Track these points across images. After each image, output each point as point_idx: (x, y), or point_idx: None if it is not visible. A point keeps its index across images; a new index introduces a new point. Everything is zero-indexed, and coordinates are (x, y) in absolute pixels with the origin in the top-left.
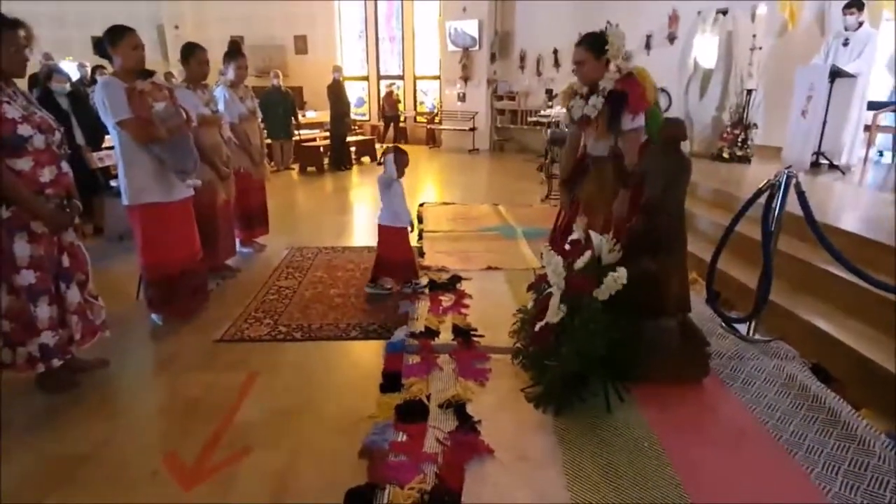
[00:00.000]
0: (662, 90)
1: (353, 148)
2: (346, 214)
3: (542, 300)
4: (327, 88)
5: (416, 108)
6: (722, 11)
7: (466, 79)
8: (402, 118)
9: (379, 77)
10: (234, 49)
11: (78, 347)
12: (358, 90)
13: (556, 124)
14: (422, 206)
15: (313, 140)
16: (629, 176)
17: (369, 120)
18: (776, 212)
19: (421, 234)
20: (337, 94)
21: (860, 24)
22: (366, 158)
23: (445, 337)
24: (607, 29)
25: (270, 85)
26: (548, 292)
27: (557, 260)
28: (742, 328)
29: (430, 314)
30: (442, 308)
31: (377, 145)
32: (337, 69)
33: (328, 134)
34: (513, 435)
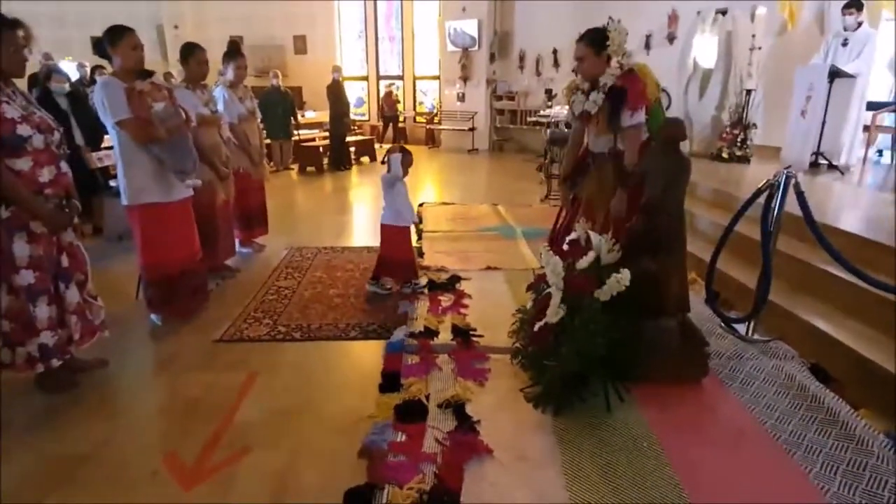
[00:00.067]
0: (662, 90)
1: (352, 148)
2: (346, 214)
3: (541, 300)
4: (327, 88)
5: (415, 108)
6: (721, 11)
7: (466, 79)
8: (401, 118)
9: (378, 77)
10: (234, 49)
11: (77, 347)
12: (357, 90)
13: (555, 124)
14: (421, 206)
15: (313, 140)
16: (628, 176)
17: (369, 120)
18: (775, 212)
19: (420, 234)
20: (336, 94)
21: (859, 25)
22: (365, 158)
23: (445, 337)
24: (608, 25)
25: (270, 85)
26: (547, 292)
27: (556, 260)
28: (741, 328)
29: (430, 314)
30: (441, 308)
31: (376, 145)
32: (336, 69)
33: (327, 134)
34: (512, 435)
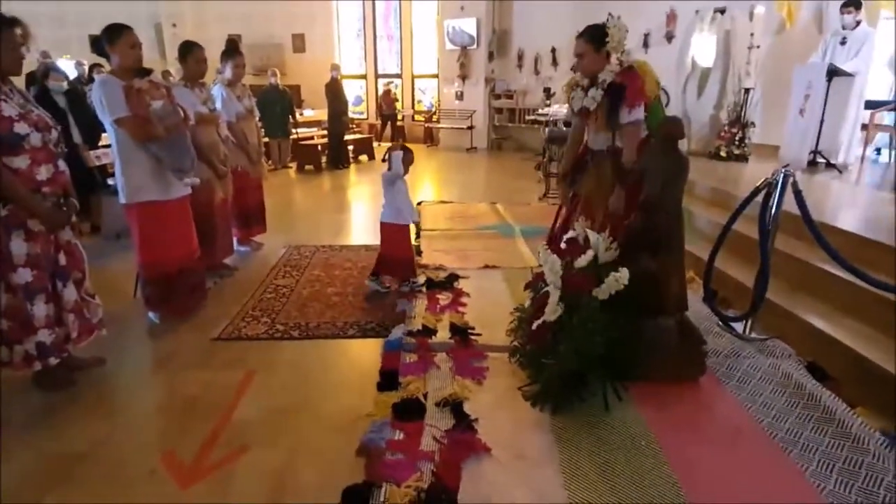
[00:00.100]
0: (661, 88)
1: (350, 146)
2: (344, 213)
3: (539, 298)
4: (325, 87)
5: (414, 106)
6: (720, 10)
7: (464, 77)
8: (399, 117)
9: (377, 76)
10: (232, 48)
11: (75, 346)
12: (356, 89)
13: (553, 123)
14: (419, 204)
15: (311, 138)
16: (626, 173)
17: (367, 118)
18: (773, 210)
19: (419, 232)
20: (335, 92)
21: (858, 23)
22: (363, 157)
23: (443, 335)
24: (608, 21)
25: (268, 83)
26: (545, 291)
27: (554, 259)
28: (739, 327)
29: (428, 312)
30: (439, 306)
31: (375, 144)
32: (335, 68)
33: (326, 132)
34: (510, 433)
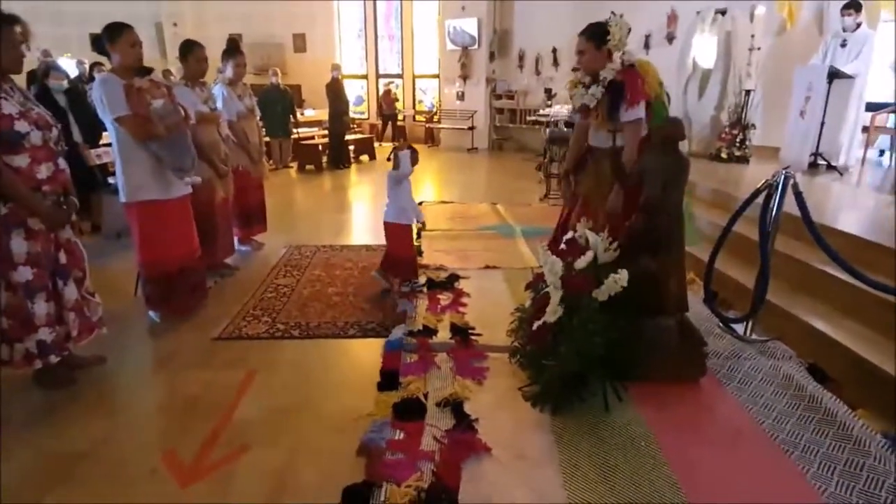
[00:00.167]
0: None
1: (351, 146)
2: (345, 213)
3: (539, 299)
4: (326, 87)
5: (414, 106)
6: (720, 11)
7: (465, 77)
8: (400, 116)
9: (378, 75)
10: (233, 47)
11: (75, 344)
12: (357, 88)
13: (554, 123)
14: (420, 204)
15: (312, 138)
16: (626, 173)
17: (368, 118)
18: (774, 212)
19: (419, 232)
20: (336, 92)
21: (858, 26)
22: (364, 157)
23: (443, 335)
24: (610, 19)
25: (269, 83)
26: (545, 291)
27: (554, 260)
28: (739, 328)
29: (429, 313)
30: (440, 307)
31: (376, 144)
32: (336, 67)
33: (327, 132)
34: (510, 433)
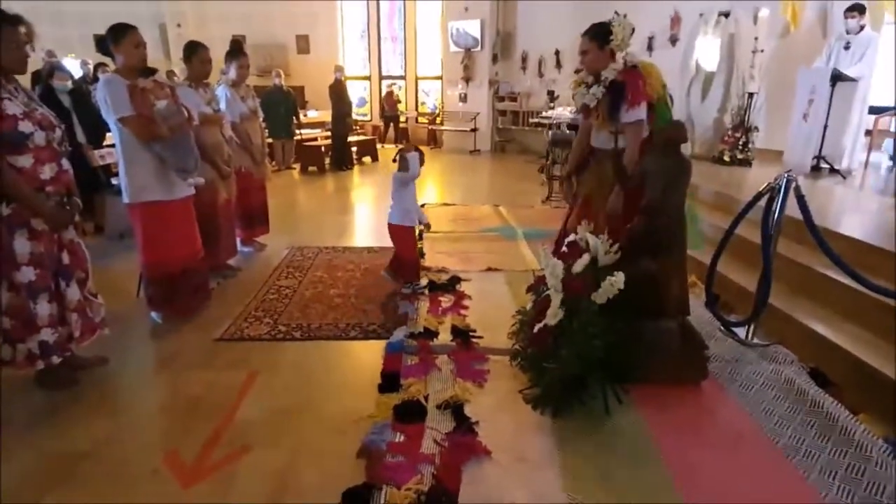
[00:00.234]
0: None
1: (354, 148)
2: (347, 214)
3: (541, 302)
4: (329, 88)
5: (417, 108)
6: (724, 13)
7: (468, 79)
8: (402, 118)
9: (381, 77)
10: (236, 48)
11: (77, 345)
12: (360, 90)
13: (557, 126)
14: (422, 206)
15: (314, 140)
16: (627, 177)
17: (371, 120)
18: (776, 215)
19: (421, 234)
20: (338, 93)
21: (862, 28)
22: (367, 158)
23: (444, 338)
24: (613, 20)
25: (272, 84)
26: (546, 294)
27: (556, 262)
28: (741, 332)
29: (430, 315)
30: (441, 309)
31: (378, 145)
32: (339, 69)
33: (329, 134)
34: (511, 436)
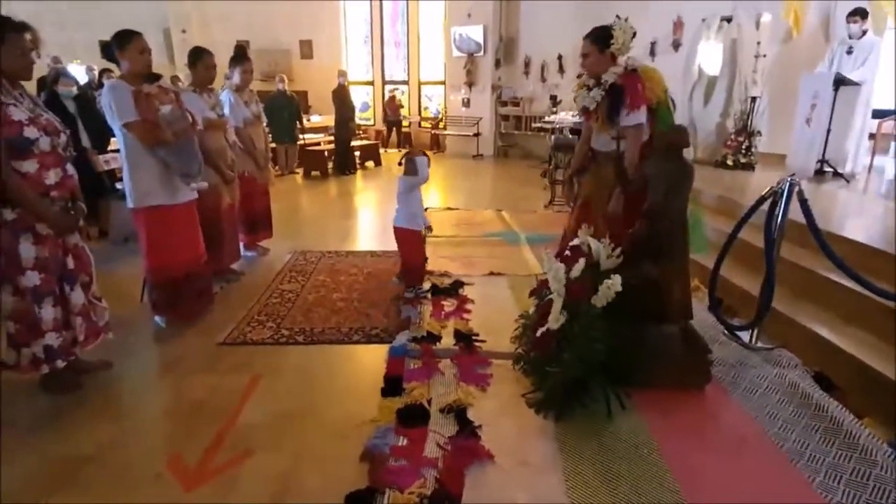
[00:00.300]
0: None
1: (357, 152)
2: (350, 219)
3: (543, 306)
4: (332, 93)
5: (420, 113)
6: (726, 19)
7: (471, 84)
8: (405, 122)
9: (384, 82)
10: (240, 53)
11: (82, 349)
12: (363, 95)
13: (560, 130)
14: (426, 210)
15: (318, 144)
16: (628, 178)
17: (374, 125)
18: (779, 219)
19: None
20: (342, 98)
21: (864, 33)
22: (370, 163)
23: (447, 342)
24: (614, 23)
25: (276, 89)
26: (549, 298)
27: (558, 266)
28: (744, 336)
29: (433, 319)
30: (444, 313)
31: (381, 150)
32: (342, 74)
33: (333, 138)
34: (513, 440)
